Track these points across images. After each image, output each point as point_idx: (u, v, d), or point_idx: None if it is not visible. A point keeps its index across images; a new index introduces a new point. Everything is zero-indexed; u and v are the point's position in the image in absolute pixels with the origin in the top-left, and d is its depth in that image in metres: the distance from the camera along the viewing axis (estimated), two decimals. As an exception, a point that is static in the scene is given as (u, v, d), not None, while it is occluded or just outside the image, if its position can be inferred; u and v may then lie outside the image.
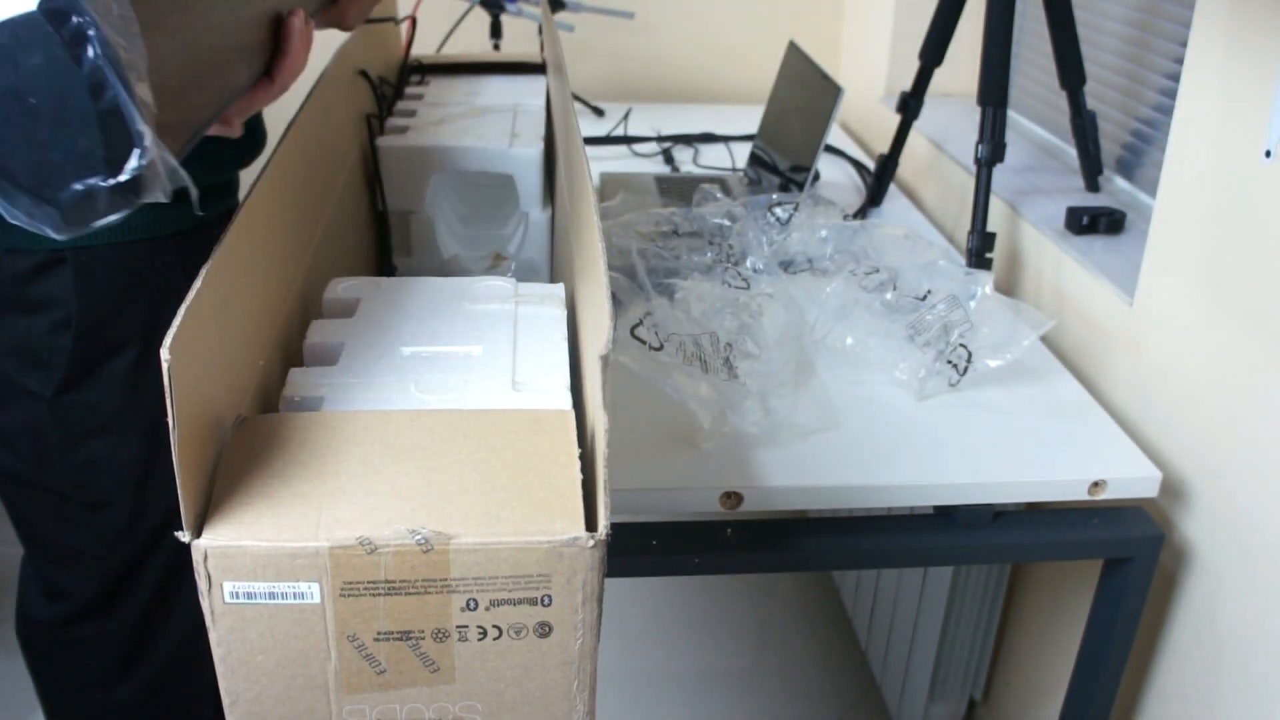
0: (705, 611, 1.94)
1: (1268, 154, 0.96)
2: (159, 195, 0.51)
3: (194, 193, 0.53)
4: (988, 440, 1.06)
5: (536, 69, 1.52)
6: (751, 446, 1.03)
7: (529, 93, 1.39)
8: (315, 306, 0.87)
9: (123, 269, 0.95)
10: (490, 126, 1.24)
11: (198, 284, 0.58)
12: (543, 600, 0.59)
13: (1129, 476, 1.03)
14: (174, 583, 1.10)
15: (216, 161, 1.00)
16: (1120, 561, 1.05)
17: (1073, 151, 1.51)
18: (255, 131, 1.07)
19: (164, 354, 0.53)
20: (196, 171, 0.94)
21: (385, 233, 1.22)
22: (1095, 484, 1.02)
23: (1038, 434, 1.08)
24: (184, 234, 0.98)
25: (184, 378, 0.55)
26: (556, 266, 1.16)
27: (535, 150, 1.18)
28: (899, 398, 1.13)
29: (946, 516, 1.04)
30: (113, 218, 0.51)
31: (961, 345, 1.12)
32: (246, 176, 0.99)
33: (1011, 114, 1.81)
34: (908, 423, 1.08)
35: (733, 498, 0.98)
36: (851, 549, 1.03)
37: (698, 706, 1.74)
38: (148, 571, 1.08)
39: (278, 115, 1.18)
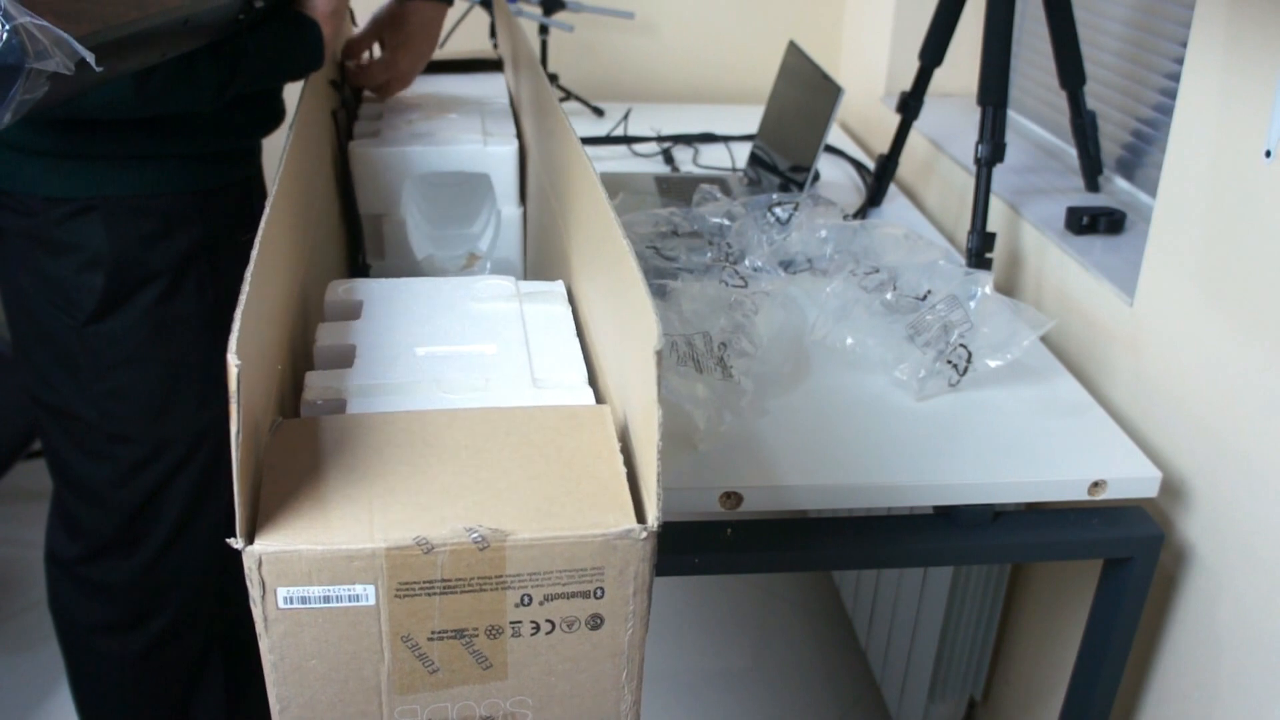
0: (705, 611, 1.94)
1: (1268, 154, 0.96)
2: (53, 65, 0.57)
3: (90, 58, 0.59)
4: (988, 440, 1.06)
5: (493, 66, 1.51)
6: (751, 446, 1.03)
7: (489, 90, 1.39)
8: (312, 308, 0.87)
9: (148, 217, 1.05)
10: (461, 126, 1.24)
11: (246, 287, 0.58)
12: (595, 593, 0.59)
13: (1129, 476, 1.03)
14: (188, 530, 1.17)
15: (230, 130, 1.09)
16: (1120, 561, 1.05)
17: (1073, 151, 1.51)
18: (273, 104, 1.15)
19: (231, 358, 0.52)
20: (208, 138, 1.06)
21: (357, 235, 1.21)
22: (1095, 484, 1.02)
23: (1038, 434, 1.08)
24: (203, 193, 1.08)
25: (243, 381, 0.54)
26: (538, 263, 1.16)
27: (511, 148, 1.18)
28: (899, 398, 1.13)
29: (946, 516, 1.04)
30: (30, 95, 0.58)
31: (961, 345, 1.12)
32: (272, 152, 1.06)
33: (1011, 114, 1.81)
34: (908, 423, 1.08)
35: (732, 498, 0.98)
36: (851, 549, 1.02)
37: (698, 706, 1.74)
38: (163, 512, 1.15)
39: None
